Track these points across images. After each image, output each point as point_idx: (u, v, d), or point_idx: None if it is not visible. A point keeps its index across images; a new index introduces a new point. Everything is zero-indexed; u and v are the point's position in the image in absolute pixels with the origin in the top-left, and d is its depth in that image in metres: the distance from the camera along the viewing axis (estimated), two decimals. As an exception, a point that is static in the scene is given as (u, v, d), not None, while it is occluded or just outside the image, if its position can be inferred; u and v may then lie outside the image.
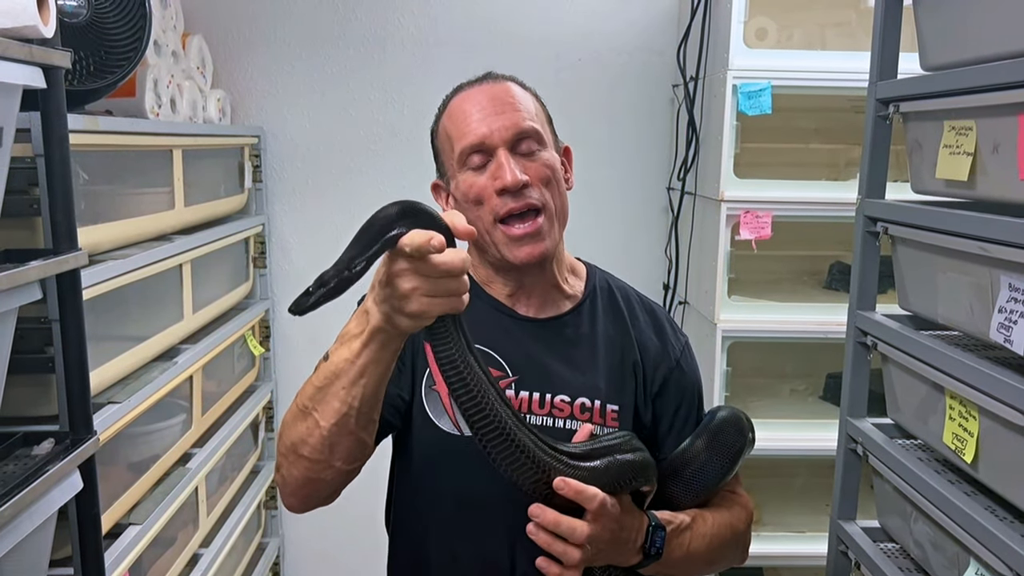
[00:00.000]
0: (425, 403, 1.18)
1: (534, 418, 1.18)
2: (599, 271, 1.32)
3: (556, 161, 1.18)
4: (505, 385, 1.17)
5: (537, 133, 1.15)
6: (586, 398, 1.19)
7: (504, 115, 1.14)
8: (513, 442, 0.98)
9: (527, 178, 1.13)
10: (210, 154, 2.20)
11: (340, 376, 0.96)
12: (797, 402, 2.44)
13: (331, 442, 0.99)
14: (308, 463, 1.01)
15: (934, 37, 1.31)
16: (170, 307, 1.89)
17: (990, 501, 1.17)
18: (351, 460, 1.02)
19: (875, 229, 1.43)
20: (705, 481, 1.22)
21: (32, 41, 1.13)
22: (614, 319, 1.26)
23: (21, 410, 1.32)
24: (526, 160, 1.14)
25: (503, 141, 1.13)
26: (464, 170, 1.16)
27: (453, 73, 2.74)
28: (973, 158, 1.15)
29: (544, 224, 1.15)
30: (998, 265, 1.10)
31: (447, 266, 0.87)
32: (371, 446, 1.05)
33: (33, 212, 1.26)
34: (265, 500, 2.64)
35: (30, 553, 1.17)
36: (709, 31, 2.29)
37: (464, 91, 1.20)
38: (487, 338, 1.18)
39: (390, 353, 0.95)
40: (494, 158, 1.13)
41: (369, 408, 0.98)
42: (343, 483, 1.07)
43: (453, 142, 1.17)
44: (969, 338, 1.30)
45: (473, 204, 1.15)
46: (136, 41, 1.57)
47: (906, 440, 1.43)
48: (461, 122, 1.16)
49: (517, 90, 1.19)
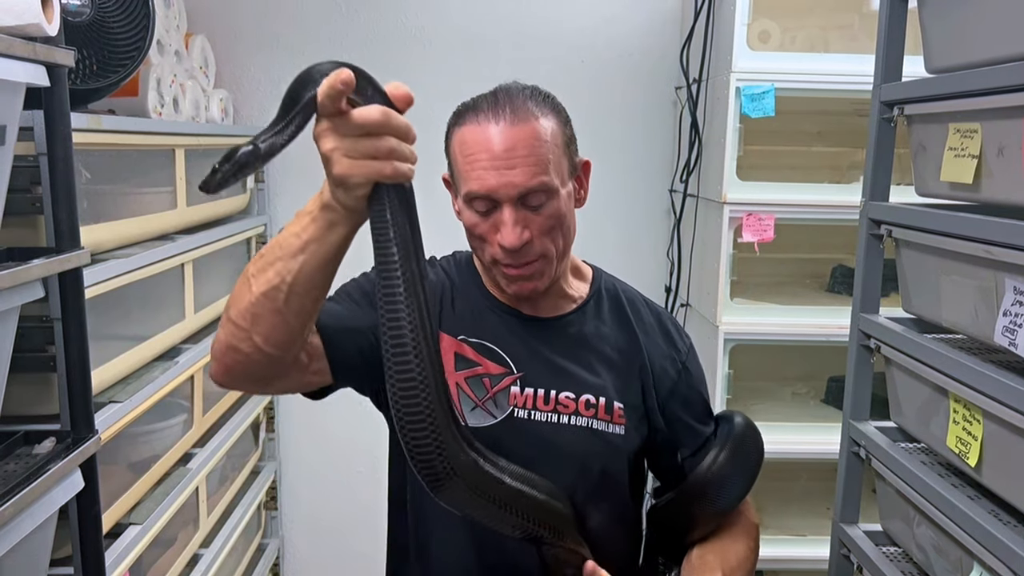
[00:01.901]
0: None
1: (539, 415, 1.17)
2: (605, 275, 1.32)
3: (563, 204, 1.13)
4: (510, 382, 1.17)
5: (546, 186, 1.09)
6: (591, 395, 1.19)
7: (514, 170, 1.08)
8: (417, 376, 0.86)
9: (528, 236, 1.10)
10: (212, 154, 2.20)
11: (282, 248, 0.92)
12: (799, 405, 2.43)
13: (255, 311, 0.94)
14: (232, 327, 0.96)
15: (939, 39, 1.31)
16: (172, 307, 1.89)
17: (994, 505, 1.16)
18: (272, 341, 0.95)
19: (879, 232, 1.43)
20: (729, 498, 1.22)
21: (36, 39, 1.13)
22: (619, 321, 1.26)
23: (22, 409, 1.32)
24: (532, 213, 1.10)
25: (509, 199, 1.09)
26: (468, 206, 1.13)
27: (455, 74, 2.74)
28: (978, 161, 1.15)
29: (540, 267, 1.14)
30: (1003, 268, 1.09)
31: (362, 119, 0.82)
32: (298, 339, 0.98)
33: (36, 211, 1.27)
34: (265, 501, 2.64)
35: (31, 552, 1.17)
36: (712, 33, 2.29)
37: (479, 117, 1.11)
38: (492, 336, 1.19)
39: (336, 236, 0.91)
40: (498, 209, 1.10)
41: (302, 289, 0.93)
42: (267, 371, 0.99)
43: (460, 176, 1.13)
44: (973, 341, 1.29)
45: (475, 237, 1.15)
46: (139, 40, 1.57)
47: (909, 444, 1.42)
48: (470, 162, 1.10)
49: (536, 131, 1.09)
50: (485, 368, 1.18)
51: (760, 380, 2.47)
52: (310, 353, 1.06)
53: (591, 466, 1.18)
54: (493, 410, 1.16)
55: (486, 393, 1.17)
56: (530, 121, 1.10)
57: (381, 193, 0.86)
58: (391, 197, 0.86)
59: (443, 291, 1.22)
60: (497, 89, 1.15)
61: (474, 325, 1.20)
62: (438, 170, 1.22)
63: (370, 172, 0.84)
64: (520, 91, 1.14)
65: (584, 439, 1.17)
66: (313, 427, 2.72)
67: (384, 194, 0.86)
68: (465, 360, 1.18)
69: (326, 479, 2.75)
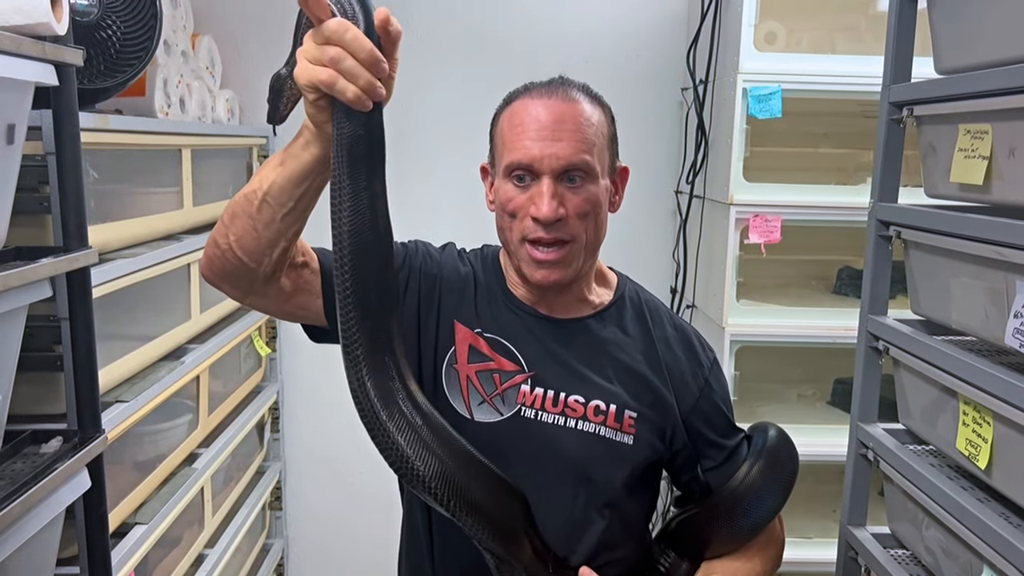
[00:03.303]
0: (444, 378, 1.17)
1: (546, 416, 1.16)
2: (630, 283, 1.30)
3: (601, 193, 1.15)
4: (520, 380, 1.16)
5: (588, 166, 1.11)
6: (601, 401, 1.17)
7: (560, 142, 1.10)
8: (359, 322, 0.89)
9: (563, 212, 1.10)
10: (219, 154, 2.20)
11: (272, 159, 0.98)
12: (805, 407, 2.43)
13: (234, 211, 0.99)
14: (220, 222, 1.02)
15: (949, 40, 1.30)
16: (177, 307, 1.89)
17: (1004, 508, 1.16)
18: (241, 245, 0.99)
19: (887, 233, 1.42)
20: (761, 513, 1.19)
21: (45, 38, 1.13)
22: (640, 330, 1.23)
23: (30, 408, 1.32)
24: (569, 191, 1.11)
25: (550, 170, 1.10)
26: (507, 179, 1.13)
27: (460, 74, 2.74)
28: (989, 162, 1.15)
29: (569, 254, 1.13)
30: (1014, 270, 1.09)
31: (319, 28, 0.85)
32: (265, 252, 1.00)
33: (43, 210, 1.27)
34: (270, 501, 2.63)
35: (37, 551, 1.17)
36: (719, 34, 2.29)
37: (531, 95, 1.15)
38: (508, 334, 1.18)
39: (309, 155, 0.93)
40: (537, 181, 1.11)
41: (273, 200, 0.96)
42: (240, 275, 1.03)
43: (505, 147, 1.14)
44: (983, 343, 1.29)
45: (507, 215, 1.14)
46: (146, 40, 1.57)
47: (918, 446, 1.42)
48: (517, 132, 1.12)
49: (584, 111, 1.13)
50: (497, 364, 1.17)
51: (766, 382, 2.46)
52: (296, 282, 1.08)
53: (594, 473, 1.16)
54: (500, 407, 1.16)
55: (495, 389, 1.16)
56: (581, 102, 1.14)
57: (338, 112, 0.87)
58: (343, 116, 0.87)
59: (467, 283, 1.22)
60: (551, 79, 1.19)
61: (492, 321, 1.19)
62: (440, 162, 1.21)
63: (309, 75, 0.85)
64: (573, 81, 1.19)
65: (589, 445, 1.16)
66: (317, 427, 2.72)
67: (339, 112, 0.87)
68: (478, 354, 1.18)
69: (330, 479, 2.75)
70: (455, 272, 1.22)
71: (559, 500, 1.15)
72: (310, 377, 2.69)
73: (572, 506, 1.15)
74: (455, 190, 2.51)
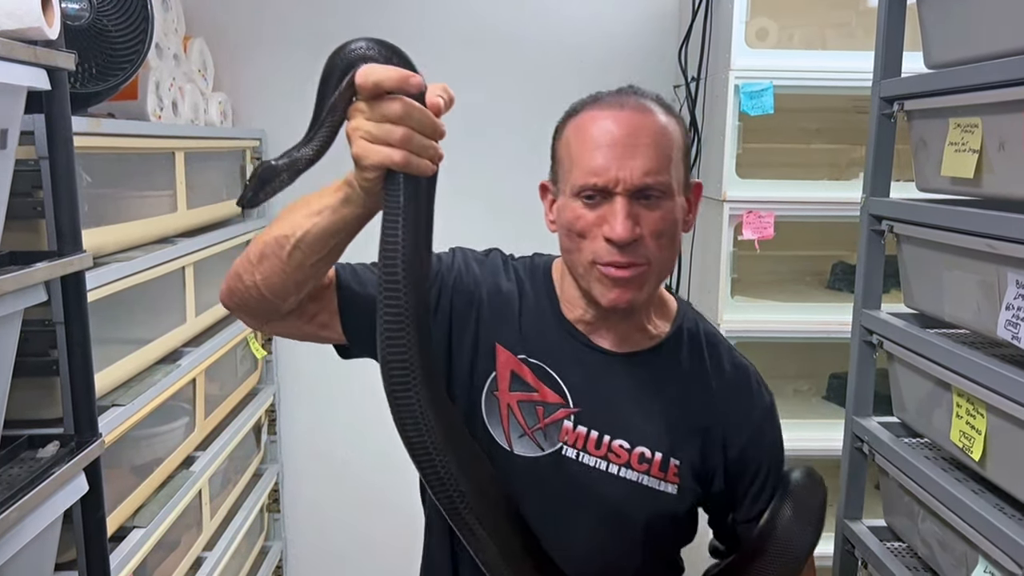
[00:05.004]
0: (484, 405, 1.11)
1: (588, 458, 1.09)
2: (690, 311, 1.21)
3: (677, 211, 1.06)
4: (564, 415, 1.10)
5: (665, 184, 1.03)
6: (646, 447, 1.10)
7: (635, 159, 1.01)
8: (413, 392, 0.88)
9: (639, 233, 1.02)
10: (212, 157, 2.20)
11: (307, 204, 0.94)
12: (800, 402, 2.43)
13: (263, 251, 0.96)
14: (246, 257, 0.99)
15: (939, 34, 1.31)
16: (173, 310, 1.89)
17: (998, 499, 1.16)
18: (268, 285, 0.97)
19: (880, 227, 1.43)
20: (797, 553, 1.11)
21: (36, 43, 1.13)
22: (695, 367, 1.15)
23: (26, 413, 1.32)
24: (645, 209, 1.02)
25: (625, 189, 1.01)
26: (575, 198, 1.05)
27: (457, 77, 2.74)
28: (979, 155, 1.15)
29: (642, 275, 1.04)
30: (1005, 262, 1.09)
31: (384, 107, 0.82)
32: (292, 293, 0.99)
33: (37, 214, 1.26)
34: (268, 504, 2.63)
35: (35, 556, 1.17)
36: (710, 32, 2.29)
37: (601, 106, 1.06)
38: (554, 361, 1.11)
39: (349, 212, 0.91)
40: (610, 201, 1.02)
41: (306, 248, 0.93)
42: (262, 309, 1.01)
43: (573, 163, 1.05)
44: (976, 335, 1.29)
45: (575, 235, 1.05)
46: (138, 44, 1.57)
47: (912, 439, 1.43)
48: (587, 147, 1.03)
49: (660, 123, 1.04)
50: (542, 395, 1.10)
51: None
52: (318, 304, 1.05)
53: (634, 519, 1.11)
54: (542, 442, 1.09)
55: (537, 422, 1.10)
56: (657, 114, 1.05)
57: (396, 181, 0.85)
58: (406, 187, 0.85)
59: (510, 300, 1.14)
60: (621, 88, 1.11)
61: (538, 345, 1.12)
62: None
63: (381, 158, 0.83)
64: (644, 91, 1.10)
65: (630, 493, 1.10)
66: (315, 429, 2.72)
67: (399, 182, 0.85)
68: (521, 382, 1.10)
69: (328, 481, 2.74)
70: (496, 288, 1.14)
71: (595, 541, 1.11)
72: (306, 379, 2.69)
73: (608, 548, 1.12)
74: (442, 190, 2.50)
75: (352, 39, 0.87)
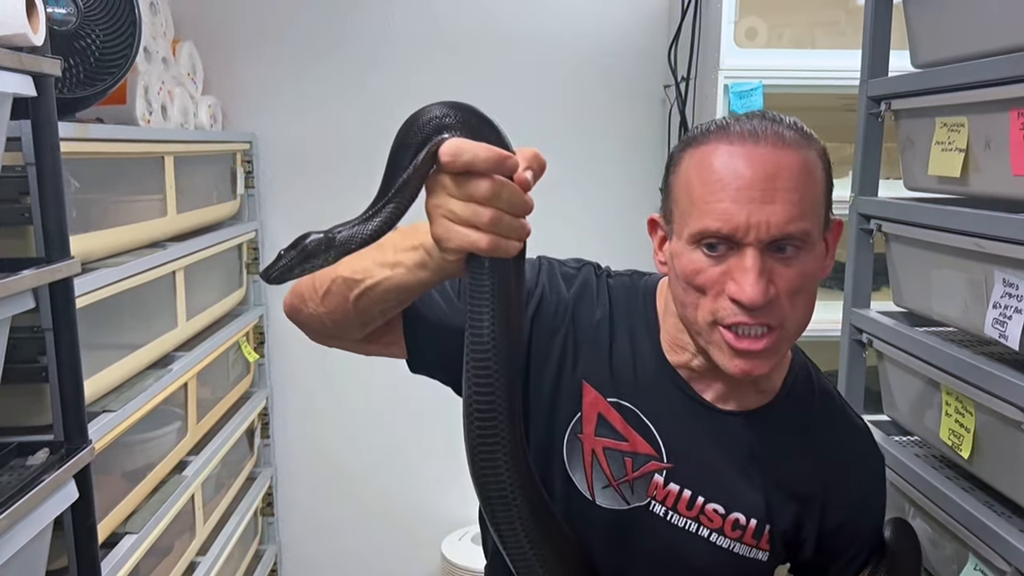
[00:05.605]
0: (564, 446, 1.01)
1: (678, 518, 1.00)
2: (802, 359, 1.07)
3: (816, 263, 0.92)
4: (654, 469, 0.99)
5: (806, 235, 0.88)
6: (742, 514, 1.00)
7: (772, 204, 0.86)
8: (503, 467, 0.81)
9: (774, 293, 0.88)
10: (202, 160, 2.19)
11: (382, 251, 0.85)
12: (793, 400, 2.44)
13: (330, 288, 0.90)
14: (313, 283, 0.93)
15: (925, 34, 1.31)
16: (164, 314, 1.88)
17: (988, 496, 1.17)
18: (332, 318, 0.93)
19: (869, 227, 1.43)
20: None
21: (22, 49, 1.13)
22: (804, 430, 1.03)
23: (15, 420, 1.32)
24: (779, 264, 0.88)
25: (758, 241, 0.86)
26: (694, 246, 0.90)
27: (446, 77, 2.73)
28: (965, 154, 1.16)
29: (773, 343, 0.90)
30: (992, 261, 1.10)
31: (470, 187, 0.71)
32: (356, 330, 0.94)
33: (25, 221, 1.26)
34: (261, 507, 2.63)
35: (26, 564, 1.16)
36: (700, 31, 2.29)
37: (732, 138, 0.90)
38: (649, 408, 1.00)
39: (424, 276, 0.83)
40: (738, 253, 0.88)
41: (375, 296, 0.87)
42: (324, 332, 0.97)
43: (693, 204, 0.90)
44: (964, 334, 1.30)
45: (693, 289, 0.91)
46: (126, 48, 1.57)
47: (903, 437, 1.43)
48: (712, 188, 0.88)
49: (802, 162, 0.89)
50: (631, 445, 0.99)
51: (754, 376, 2.47)
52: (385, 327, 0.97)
53: None
54: (628, 495, 1.00)
55: (624, 475, 1.00)
56: (799, 149, 0.90)
57: (482, 264, 0.77)
58: (492, 271, 0.77)
59: (601, 330, 1.02)
60: (750, 112, 0.95)
61: (631, 387, 1.00)
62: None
63: (464, 242, 0.74)
64: (781, 117, 0.93)
65: (721, 559, 1.01)
66: (308, 432, 2.72)
67: (485, 266, 0.77)
68: (609, 427, 1.00)
69: (322, 484, 2.74)
70: (585, 315, 1.02)
71: None
72: (299, 382, 2.69)
73: None
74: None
75: (432, 104, 0.76)
